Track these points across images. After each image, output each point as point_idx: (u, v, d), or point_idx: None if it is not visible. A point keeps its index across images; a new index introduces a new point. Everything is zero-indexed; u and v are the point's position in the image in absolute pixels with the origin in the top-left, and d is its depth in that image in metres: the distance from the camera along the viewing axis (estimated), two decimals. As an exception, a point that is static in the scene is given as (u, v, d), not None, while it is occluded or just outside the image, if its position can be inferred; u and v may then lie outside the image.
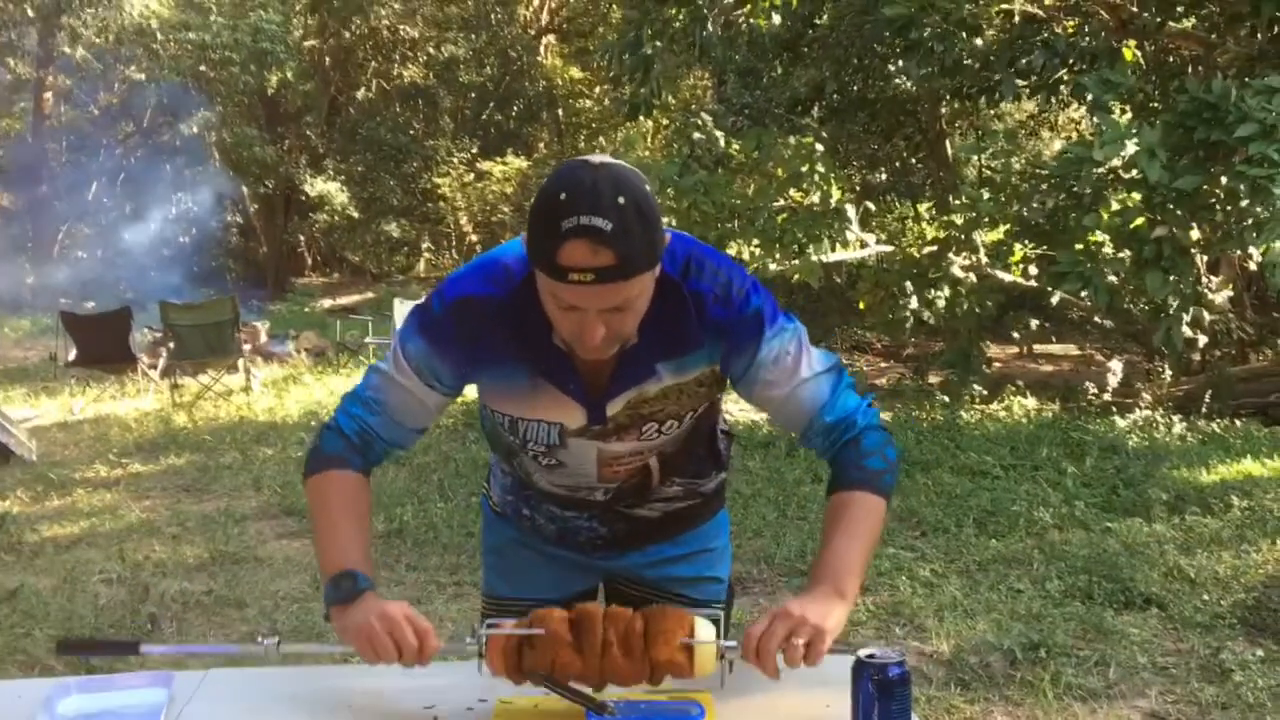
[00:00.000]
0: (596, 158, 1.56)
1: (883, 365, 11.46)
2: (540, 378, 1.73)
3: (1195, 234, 7.59)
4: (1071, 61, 9.35)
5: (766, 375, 1.72)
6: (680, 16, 10.32)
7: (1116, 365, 9.14)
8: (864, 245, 9.34)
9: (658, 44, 10.14)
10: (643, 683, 1.60)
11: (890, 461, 1.75)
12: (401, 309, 13.30)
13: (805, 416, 1.76)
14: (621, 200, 1.49)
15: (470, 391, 1.87)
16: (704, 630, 1.62)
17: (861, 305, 10.10)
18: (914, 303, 9.31)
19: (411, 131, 23.41)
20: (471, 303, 1.70)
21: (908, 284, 9.31)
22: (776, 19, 10.07)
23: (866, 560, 1.70)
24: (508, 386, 1.76)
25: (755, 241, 8.92)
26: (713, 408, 1.92)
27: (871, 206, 10.13)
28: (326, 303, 20.43)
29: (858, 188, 11.61)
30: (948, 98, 12.10)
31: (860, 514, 1.70)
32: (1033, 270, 9.17)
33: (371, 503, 1.86)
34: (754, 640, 1.53)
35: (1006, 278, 9.31)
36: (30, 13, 18.08)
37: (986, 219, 9.26)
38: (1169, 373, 8.69)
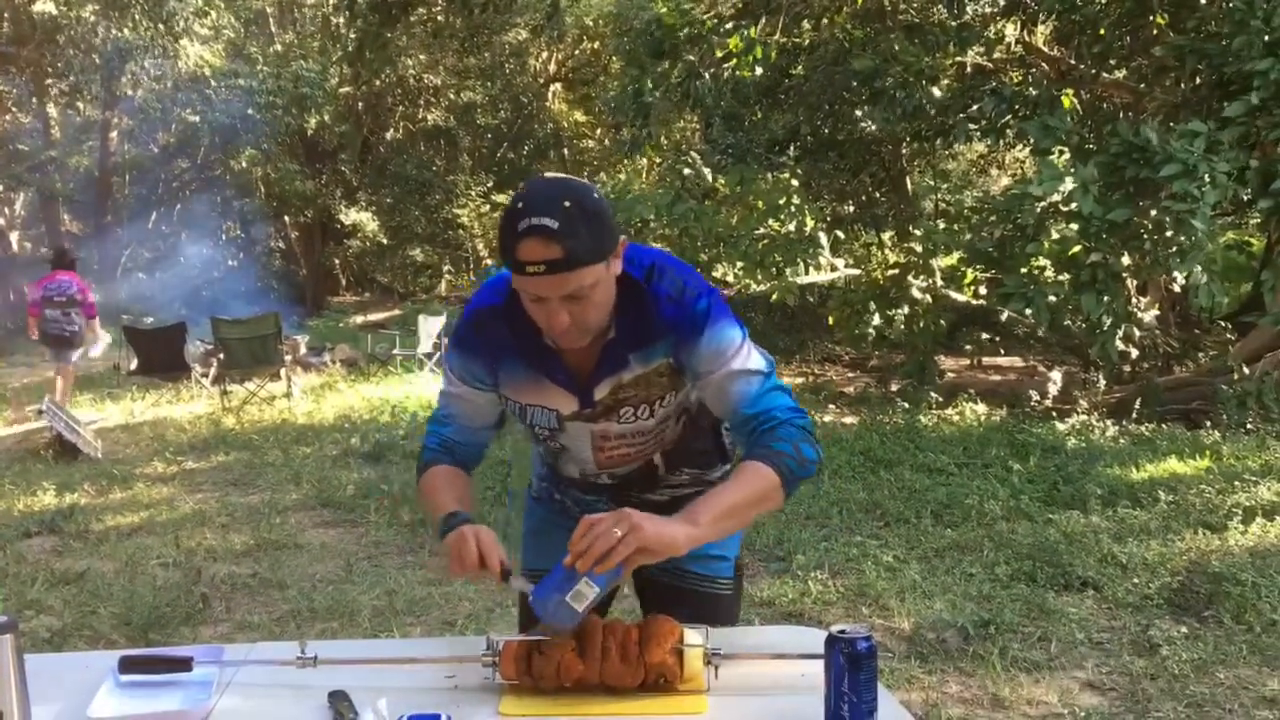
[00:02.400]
0: (551, 174, 1.64)
1: (850, 375, 11.45)
2: (536, 370, 1.82)
3: (1126, 260, 7.60)
4: (1017, 108, 9.38)
5: (704, 365, 1.75)
6: (676, 70, 10.39)
7: (1056, 375, 9.14)
8: (834, 269, 9.35)
9: (655, 94, 10.20)
10: (637, 685, 1.60)
11: (799, 452, 1.69)
12: (425, 324, 13.30)
13: (730, 406, 1.77)
14: (567, 204, 1.58)
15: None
16: (693, 637, 1.63)
17: (831, 321, 10.10)
18: (877, 320, 9.33)
19: (434, 168, 23.41)
20: (481, 313, 1.83)
21: (872, 303, 9.33)
22: (759, 70, 10.09)
23: (732, 508, 1.65)
24: (513, 378, 1.85)
25: (739, 264, 8.94)
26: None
27: (841, 235, 10.11)
28: (358, 319, 20.39)
29: (828, 218, 11.58)
30: (908, 139, 12.13)
31: (745, 476, 1.68)
32: (982, 291, 9.18)
33: (471, 486, 1.96)
34: (588, 522, 1.59)
35: (959, 298, 9.33)
36: (97, 60, 18.08)
37: (942, 246, 9.29)
38: (1103, 382, 8.70)
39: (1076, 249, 7.57)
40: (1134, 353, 8.15)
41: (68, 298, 9.68)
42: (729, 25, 10.09)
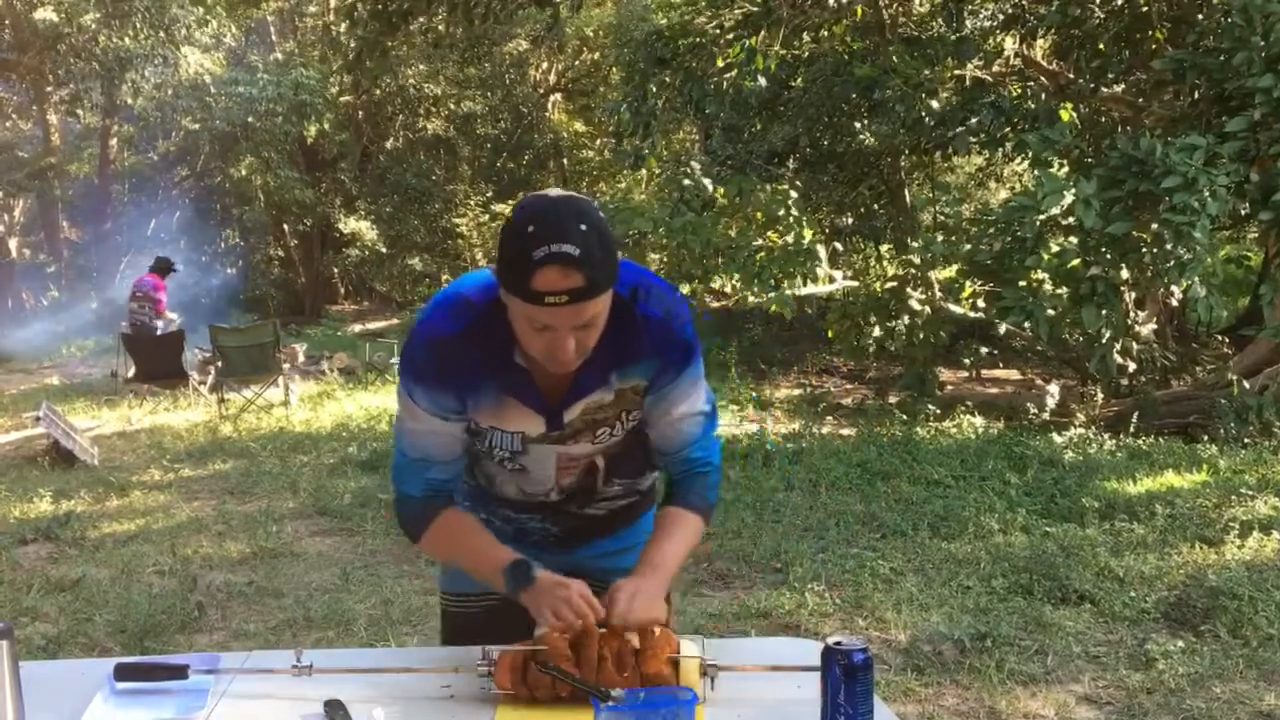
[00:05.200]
0: (554, 191, 1.61)
1: (848, 387, 11.45)
2: (504, 393, 1.75)
3: (1125, 273, 7.60)
4: (1016, 121, 9.39)
5: (676, 395, 1.78)
6: (677, 79, 10.42)
7: (1054, 388, 9.14)
8: (832, 281, 9.36)
9: (657, 102, 10.22)
10: None
11: (716, 500, 1.92)
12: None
13: (680, 442, 1.84)
14: (584, 227, 1.51)
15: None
16: (689, 648, 1.63)
17: (830, 334, 10.10)
18: (876, 332, 9.33)
19: (434, 177, 23.40)
20: (440, 342, 1.72)
21: (871, 315, 9.33)
22: (760, 81, 10.12)
23: (681, 562, 1.84)
24: (478, 402, 1.77)
25: (736, 276, 8.94)
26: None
27: (839, 247, 10.14)
28: (357, 327, 20.36)
29: (827, 230, 11.61)
30: (907, 151, 12.15)
31: (692, 532, 1.84)
32: (981, 304, 9.19)
33: None
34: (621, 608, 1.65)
35: (958, 311, 9.33)
36: (98, 68, 18.09)
37: (940, 259, 9.30)
38: (1100, 395, 8.70)
39: (1075, 262, 7.58)
40: (1131, 366, 8.15)
41: (144, 294, 11.93)
42: (729, 36, 10.12)
